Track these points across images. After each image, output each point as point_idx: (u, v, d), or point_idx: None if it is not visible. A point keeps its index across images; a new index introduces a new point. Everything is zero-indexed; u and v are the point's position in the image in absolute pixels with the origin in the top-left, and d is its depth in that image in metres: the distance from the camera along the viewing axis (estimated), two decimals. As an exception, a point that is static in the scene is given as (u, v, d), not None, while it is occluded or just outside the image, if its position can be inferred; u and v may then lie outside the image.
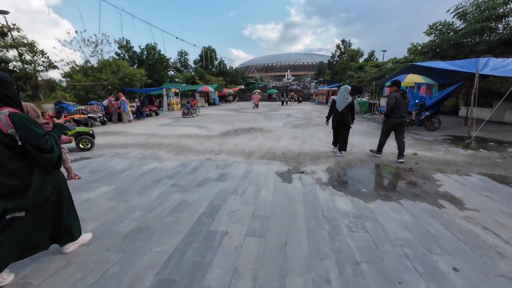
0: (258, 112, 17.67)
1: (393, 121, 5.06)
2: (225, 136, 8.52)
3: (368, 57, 39.63)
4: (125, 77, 20.51)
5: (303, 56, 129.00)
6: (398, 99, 4.85)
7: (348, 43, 46.98)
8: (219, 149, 6.53)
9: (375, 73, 25.34)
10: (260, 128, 10.24)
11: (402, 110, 4.93)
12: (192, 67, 45.54)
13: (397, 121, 5.01)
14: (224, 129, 10.06)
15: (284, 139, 7.76)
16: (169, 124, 12.09)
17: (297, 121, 12.42)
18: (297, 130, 9.61)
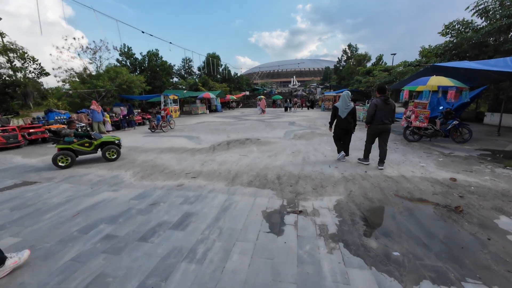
0: (259, 120, 16.38)
1: (375, 128, 4.92)
2: (214, 150, 7.22)
3: (376, 61, 38.01)
4: (123, 84, 19.63)
5: (309, 62, 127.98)
6: (378, 105, 4.72)
7: (355, 48, 45.54)
8: (199, 169, 5.21)
9: (385, 78, 23.79)
10: (258, 139, 8.91)
11: (384, 117, 4.77)
12: (196, 74, 44.94)
13: (379, 127, 4.86)
14: (216, 141, 8.78)
15: (282, 154, 6.39)
16: (158, 134, 10.91)
17: (301, 130, 11.03)
18: (300, 142, 8.22)
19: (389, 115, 4.77)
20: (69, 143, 5.64)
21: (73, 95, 18.00)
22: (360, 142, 7.37)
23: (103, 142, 6.04)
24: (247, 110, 29.04)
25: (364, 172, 4.80)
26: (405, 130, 8.00)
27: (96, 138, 6.05)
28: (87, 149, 5.87)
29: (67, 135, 5.72)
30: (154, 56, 27.39)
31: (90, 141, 5.91)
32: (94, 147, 5.96)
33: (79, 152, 5.80)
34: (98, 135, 6.26)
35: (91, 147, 5.92)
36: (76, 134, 5.83)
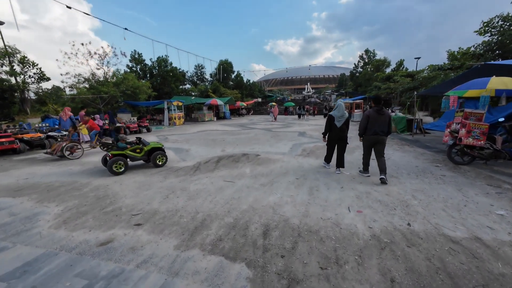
0: (266, 129, 14.66)
1: (368, 138, 4.71)
2: (195, 171, 5.58)
3: (396, 66, 35.28)
4: (128, 89, 18.77)
5: (324, 69, 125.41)
6: (371, 117, 4.58)
7: (373, 53, 42.91)
8: (156, 207, 3.56)
9: (408, 83, 21.33)
10: (256, 155, 7.19)
11: (378, 128, 4.55)
12: (209, 80, 44.28)
13: (372, 138, 4.64)
14: (206, 156, 7.17)
15: (281, 183, 4.62)
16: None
17: (311, 143, 9.18)
18: (308, 161, 6.39)
19: (383, 126, 4.56)
20: (122, 149, 5.54)
21: (77, 100, 17.29)
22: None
23: (152, 148, 5.97)
24: (257, 118, 27.45)
25: (407, 225, 2.92)
26: (451, 148, 5.94)
27: (145, 144, 5.97)
28: (138, 155, 5.77)
29: (120, 140, 5.73)
30: (163, 62, 26.71)
31: (141, 147, 5.83)
32: (144, 153, 5.87)
33: (131, 158, 5.69)
34: (146, 141, 6.09)
35: (141, 153, 5.82)
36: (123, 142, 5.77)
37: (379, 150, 4.65)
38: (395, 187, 4.27)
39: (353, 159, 6.36)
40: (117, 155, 5.43)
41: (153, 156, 5.87)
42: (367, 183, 4.48)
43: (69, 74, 19.15)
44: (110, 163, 5.20)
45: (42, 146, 8.50)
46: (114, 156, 5.40)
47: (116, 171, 5.25)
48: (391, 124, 4.66)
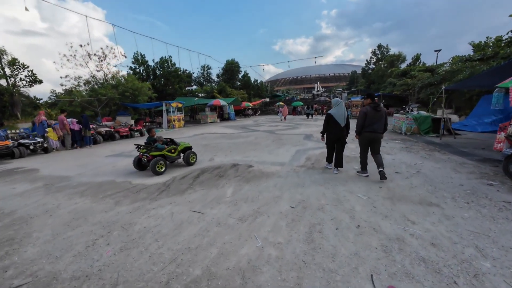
0: (269, 131, 13.23)
1: (365, 136, 4.52)
2: (161, 192, 4.26)
3: (412, 61, 32.76)
4: (126, 91, 17.89)
5: (334, 68, 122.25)
6: (368, 113, 4.42)
7: (386, 48, 40.36)
8: (56, 271, 2.24)
9: (428, 78, 19.20)
10: (249, 166, 5.80)
11: (375, 125, 4.41)
12: (215, 81, 43.30)
13: (369, 136, 4.47)
14: (188, 167, 5.87)
15: (268, 219, 3.19)
16: (121, 154, 8.32)
17: (317, 148, 7.67)
18: (312, 177, 4.93)
19: (379, 123, 4.40)
20: (161, 150, 5.56)
21: (74, 103, 16.58)
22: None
23: (184, 147, 6.08)
24: (263, 118, 25.99)
25: None
26: (508, 160, 4.29)
27: (177, 145, 6.02)
28: (173, 155, 5.83)
29: (157, 141, 5.85)
30: (166, 63, 25.83)
31: (175, 147, 5.89)
32: (178, 153, 5.97)
33: (168, 158, 5.70)
34: (176, 141, 6.14)
35: (175, 153, 5.89)
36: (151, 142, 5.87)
37: (376, 148, 4.51)
38: (442, 226, 2.75)
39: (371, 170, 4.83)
40: (157, 156, 5.41)
41: (186, 156, 5.98)
42: (395, 219, 2.98)
43: (68, 76, 18.57)
44: (153, 163, 5.17)
45: (11, 156, 7.52)
46: (154, 157, 5.36)
47: (158, 171, 5.26)
48: (387, 120, 4.52)
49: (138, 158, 5.62)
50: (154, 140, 5.84)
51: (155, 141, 5.83)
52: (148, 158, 5.36)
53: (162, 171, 5.32)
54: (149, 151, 5.43)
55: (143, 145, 5.62)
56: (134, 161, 5.66)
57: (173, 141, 6.07)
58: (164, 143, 5.96)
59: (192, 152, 6.16)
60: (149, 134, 6.06)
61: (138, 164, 5.65)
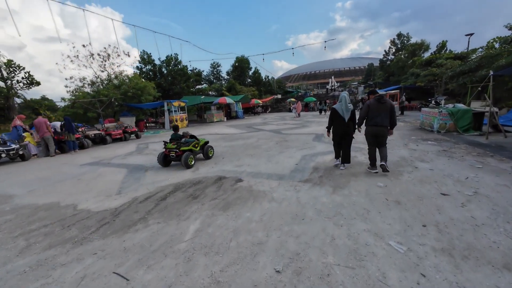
0: (275, 131, 11.77)
1: (369, 130, 4.33)
2: (100, 227, 3.02)
3: (437, 49, 29.56)
4: (128, 91, 17.16)
5: (350, 61, 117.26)
6: (371, 106, 4.23)
7: (407, 37, 37.01)
8: None
9: (460, 66, 16.69)
10: (237, 181, 4.47)
11: (379, 118, 4.18)
12: (225, 79, 42.21)
13: (374, 129, 4.26)
14: (161, 183, 4.64)
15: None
16: (96, 161, 7.27)
17: (329, 153, 6.14)
18: (318, 198, 3.49)
19: (384, 116, 4.16)
20: (189, 145, 5.71)
21: (76, 105, 16.08)
22: None
23: (205, 142, 6.35)
24: (273, 116, 24.42)
25: None
26: None
27: (199, 140, 6.23)
28: (197, 150, 5.98)
29: (184, 136, 6.04)
30: (172, 61, 24.95)
31: (198, 142, 6.07)
32: (200, 148, 6.13)
33: (193, 152, 5.83)
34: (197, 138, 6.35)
35: (198, 147, 6.04)
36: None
37: (381, 141, 4.30)
38: None
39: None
40: (186, 151, 5.62)
41: (205, 150, 6.27)
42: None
43: (73, 78, 18.16)
44: (185, 157, 5.42)
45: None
46: (183, 152, 5.59)
47: (190, 164, 5.51)
48: (394, 114, 4.21)
49: (164, 155, 5.76)
50: (181, 136, 6.02)
51: (181, 137, 6.01)
52: (177, 153, 5.59)
53: (192, 164, 5.63)
54: (178, 146, 5.64)
55: (171, 141, 5.85)
56: (159, 157, 5.80)
57: (195, 137, 6.30)
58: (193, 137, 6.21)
59: (210, 146, 6.50)
60: (175, 131, 6.19)
61: (164, 160, 5.77)
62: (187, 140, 5.88)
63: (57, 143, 8.46)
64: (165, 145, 5.79)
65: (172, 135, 6.07)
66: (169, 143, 5.77)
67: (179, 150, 5.57)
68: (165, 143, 5.84)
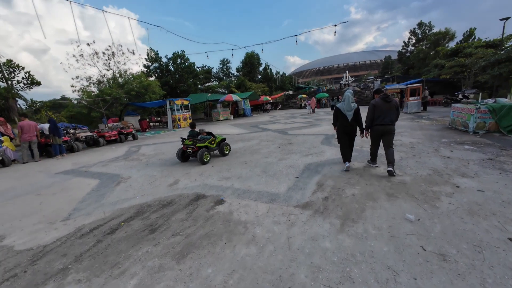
0: (280, 131, 10.63)
1: (376, 129, 4.20)
2: (14, 277, 2.13)
3: (464, 38, 26.74)
4: (132, 90, 16.64)
5: (365, 55, 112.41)
6: (377, 105, 4.13)
7: (429, 26, 33.99)
8: None
9: (494, 56, 14.56)
10: (218, 201, 3.46)
11: (385, 117, 4.08)
12: (235, 75, 41.24)
13: (380, 128, 4.14)
14: (130, 201, 3.73)
15: None
16: (72, 170, 6.51)
17: (339, 163, 4.98)
18: (318, 246, 2.39)
19: (390, 114, 4.08)
20: (204, 141, 5.78)
21: (80, 105, 15.76)
22: None
23: (221, 139, 6.32)
24: (282, 113, 23.13)
25: None
26: None
27: (216, 137, 6.20)
28: (213, 146, 6.04)
29: (200, 133, 6.11)
30: (179, 58, 24.27)
31: (214, 139, 6.08)
32: (216, 144, 6.17)
33: (209, 149, 5.92)
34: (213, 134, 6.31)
35: (214, 144, 6.09)
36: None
37: (388, 141, 4.12)
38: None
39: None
40: (202, 147, 5.69)
41: (221, 147, 6.24)
42: None
43: (79, 77, 17.91)
44: (201, 153, 5.50)
45: None
46: (199, 148, 5.66)
47: (205, 161, 5.59)
48: (399, 112, 4.19)
49: (182, 150, 5.93)
50: (198, 133, 6.08)
51: (198, 134, 6.07)
52: (193, 149, 5.71)
53: (207, 161, 5.70)
54: (195, 143, 5.72)
55: (188, 138, 5.94)
56: (178, 153, 5.97)
57: (212, 133, 6.30)
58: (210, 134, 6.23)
59: (226, 143, 6.44)
60: (192, 128, 6.24)
61: (182, 156, 5.95)
62: (203, 137, 5.93)
63: (44, 147, 7.87)
64: (183, 141, 5.95)
65: (189, 131, 6.16)
66: (187, 139, 5.90)
67: (195, 147, 5.66)
68: (182, 140, 6.00)
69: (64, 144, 8.14)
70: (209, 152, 5.81)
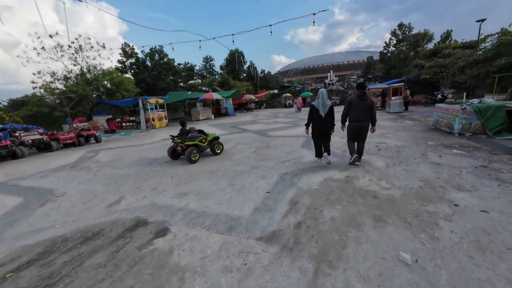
0: (260, 132, 9.86)
1: (351, 125, 4.34)
2: None
3: (441, 40, 27.37)
4: (101, 86, 15.17)
5: (349, 55, 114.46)
6: (352, 102, 4.25)
7: (408, 27, 34.66)
8: None
9: (472, 56, 14.67)
10: (161, 231, 2.60)
11: (360, 114, 4.18)
12: (219, 73, 39.98)
13: (355, 125, 4.27)
14: (48, 232, 2.78)
15: None
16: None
17: (321, 170, 4.28)
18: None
19: (365, 111, 4.17)
20: (194, 140, 5.63)
21: (40, 104, 14.12)
22: None
23: (213, 138, 6.17)
24: (266, 113, 22.40)
25: None
26: None
27: (207, 135, 6.09)
28: (204, 145, 5.88)
29: (190, 131, 5.93)
30: (157, 53, 22.77)
31: (205, 137, 5.94)
32: (208, 143, 6.01)
33: (200, 147, 5.77)
34: (205, 132, 6.20)
35: (205, 143, 5.94)
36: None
37: (362, 136, 4.32)
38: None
39: None
40: (191, 146, 5.57)
41: (212, 146, 6.08)
42: None
43: (41, 73, 16.11)
44: (188, 152, 5.37)
45: None
46: (188, 146, 5.54)
47: (193, 160, 5.44)
48: (374, 110, 4.23)
49: (172, 148, 5.82)
50: (188, 131, 5.90)
51: (188, 132, 5.90)
52: (182, 148, 5.57)
53: (196, 159, 5.54)
54: (183, 141, 5.57)
55: (177, 135, 5.77)
56: (169, 151, 5.85)
57: (203, 131, 6.17)
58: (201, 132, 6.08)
59: (218, 142, 6.24)
60: (182, 126, 6.06)
61: (173, 154, 5.85)
62: (193, 135, 5.79)
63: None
64: (173, 139, 5.82)
65: (180, 129, 6.01)
66: (176, 137, 5.75)
67: (184, 145, 5.53)
68: (172, 137, 5.85)
69: (3, 149, 6.84)
70: (198, 151, 5.66)
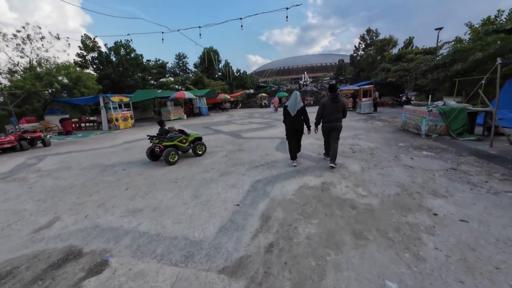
0: (234, 133, 9.38)
1: (325, 126, 4.56)
2: None
3: (405, 45, 29.34)
4: (55, 82, 13.42)
5: (321, 57, 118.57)
6: (326, 105, 4.44)
7: (375, 33, 36.71)
8: None
9: (432, 60, 15.74)
10: (95, 265, 1.99)
11: (332, 115, 4.40)
12: (192, 71, 38.50)
13: (328, 126, 4.49)
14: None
15: None
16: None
17: (297, 175, 3.95)
18: None
19: (337, 113, 4.39)
20: (173, 140, 5.41)
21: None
22: None
23: (194, 138, 5.93)
24: (241, 112, 21.90)
25: None
26: None
27: (188, 135, 5.87)
28: (184, 146, 5.69)
29: (170, 131, 5.68)
30: (122, 48, 20.99)
31: (186, 138, 5.72)
32: (189, 143, 5.82)
33: (180, 148, 5.59)
34: (187, 132, 5.99)
35: (186, 143, 5.75)
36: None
37: (334, 136, 4.45)
38: None
39: None
40: (169, 146, 5.33)
41: (194, 146, 5.82)
42: None
43: (-22, 65, 13.80)
44: (166, 153, 5.14)
45: None
46: (166, 147, 5.30)
47: (171, 161, 5.20)
48: (346, 111, 4.48)
49: (151, 149, 5.54)
50: (167, 131, 5.60)
51: (167, 132, 5.60)
52: (160, 148, 5.31)
53: (175, 161, 5.28)
54: (161, 141, 5.30)
55: (155, 136, 5.49)
56: (147, 151, 5.56)
57: (184, 131, 5.90)
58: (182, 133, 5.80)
59: (200, 143, 5.99)
60: (161, 125, 5.74)
61: (151, 155, 5.56)
62: (172, 135, 5.52)
63: None
64: (151, 139, 5.51)
65: (159, 129, 5.71)
66: (154, 137, 5.45)
67: (162, 146, 5.27)
68: (150, 138, 5.53)
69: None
70: (177, 152, 5.39)
